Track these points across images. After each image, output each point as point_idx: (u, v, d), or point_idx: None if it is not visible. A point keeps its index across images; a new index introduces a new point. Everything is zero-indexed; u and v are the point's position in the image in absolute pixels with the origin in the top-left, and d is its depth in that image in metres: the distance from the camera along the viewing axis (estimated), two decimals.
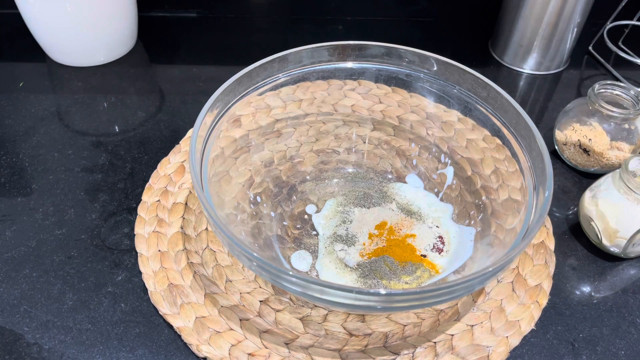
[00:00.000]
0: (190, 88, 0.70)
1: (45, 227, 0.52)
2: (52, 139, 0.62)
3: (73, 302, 0.46)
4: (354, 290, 0.35)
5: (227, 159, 0.52)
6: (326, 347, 0.43)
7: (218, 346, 0.43)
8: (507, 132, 0.49)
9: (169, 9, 0.83)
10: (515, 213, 0.45)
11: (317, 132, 0.59)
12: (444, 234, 0.51)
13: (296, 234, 0.52)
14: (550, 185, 0.40)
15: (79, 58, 0.72)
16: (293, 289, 0.37)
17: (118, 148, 0.61)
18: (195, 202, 0.53)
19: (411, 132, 0.59)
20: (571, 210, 0.56)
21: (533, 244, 0.51)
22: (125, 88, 0.70)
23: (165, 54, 0.77)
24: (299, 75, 0.53)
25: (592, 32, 0.80)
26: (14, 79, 0.71)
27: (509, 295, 0.47)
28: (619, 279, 0.50)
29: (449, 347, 0.44)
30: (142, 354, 0.43)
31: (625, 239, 0.48)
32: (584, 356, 0.44)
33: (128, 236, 0.51)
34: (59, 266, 0.49)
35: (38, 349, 0.43)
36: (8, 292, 0.47)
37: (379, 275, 0.48)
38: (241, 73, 0.49)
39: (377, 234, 0.51)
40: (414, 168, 0.58)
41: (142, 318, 0.45)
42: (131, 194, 0.56)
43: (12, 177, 0.57)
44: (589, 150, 0.57)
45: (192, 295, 0.46)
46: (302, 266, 0.49)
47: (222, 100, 0.48)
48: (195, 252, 0.49)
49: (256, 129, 0.56)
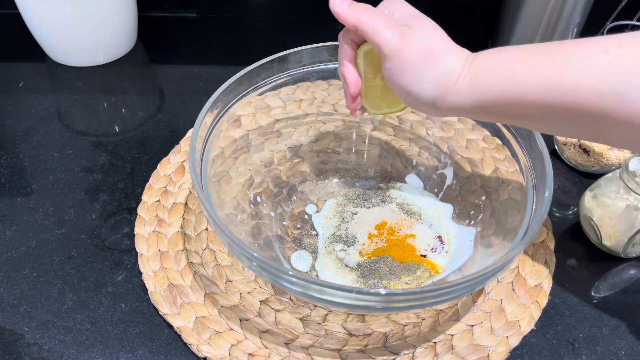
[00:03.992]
0: (190, 88, 0.70)
1: (45, 227, 0.52)
2: (52, 139, 0.62)
3: (73, 302, 0.46)
4: (354, 290, 0.35)
5: (227, 159, 0.52)
6: (326, 347, 0.43)
7: (218, 346, 0.43)
8: (507, 132, 0.49)
9: (169, 9, 0.83)
10: (515, 213, 0.45)
11: (317, 132, 0.59)
12: (444, 234, 0.51)
13: (296, 234, 0.52)
14: (550, 185, 0.40)
15: (79, 58, 0.72)
16: (293, 289, 0.37)
17: (118, 148, 0.61)
18: (195, 202, 0.53)
19: (411, 132, 0.59)
20: (571, 210, 0.56)
21: (533, 244, 0.51)
22: (125, 88, 0.70)
23: (165, 54, 0.77)
24: (299, 75, 0.53)
25: (592, 32, 0.80)
26: (14, 79, 0.71)
27: (509, 295, 0.47)
28: (619, 279, 0.50)
29: (449, 347, 0.44)
30: (142, 354, 0.43)
31: (625, 239, 0.48)
32: (584, 356, 0.44)
33: (128, 236, 0.51)
34: (59, 266, 0.49)
35: (38, 349, 0.43)
36: (8, 292, 0.47)
37: (379, 276, 0.48)
38: (241, 73, 0.49)
39: (377, 234, 0.51)
40: (414, 168, 0.58)
41: (142, 318, 0.45)
42: (131, 194, 0.56)
43: (12, 177, 0.57)
44: (589, 150, 0.57)
45: (192, 295, 0.46)
46: (302, 266, 0.49)
47: (222, 100, 0.48)
48: (195, 252, 0.49)
49: (256, 129, 0.56)
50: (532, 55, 0.33)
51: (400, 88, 0.37)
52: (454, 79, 0.36)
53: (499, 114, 0.36)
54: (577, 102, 0.32)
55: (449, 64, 0.36)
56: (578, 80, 0.31)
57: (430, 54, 0.36)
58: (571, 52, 0.32)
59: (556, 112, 0.33)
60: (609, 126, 0.32)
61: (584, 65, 0.31)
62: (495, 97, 0.35)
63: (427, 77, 0.36)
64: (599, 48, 0.31)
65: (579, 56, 0.32)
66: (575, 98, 0.32)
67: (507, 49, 0.35)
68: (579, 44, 0.32)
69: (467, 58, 0.36)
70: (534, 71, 0.33)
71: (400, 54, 0.36)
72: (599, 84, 0.31)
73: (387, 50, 0.36)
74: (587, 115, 0.32)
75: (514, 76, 0.34)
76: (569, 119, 0.33)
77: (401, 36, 0.36)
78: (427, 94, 0.36)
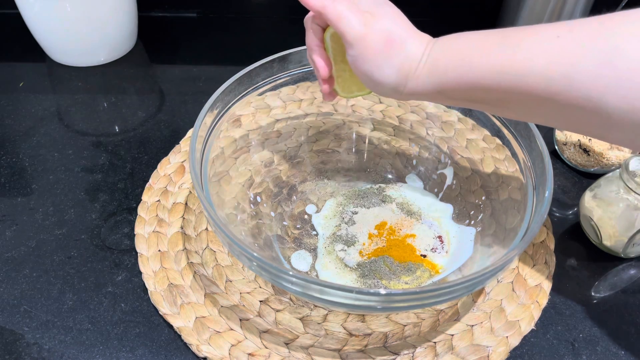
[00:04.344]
0: (190, 88, 0.70)
1: (45, 227, 0.52)
2: (52, 139, 0.62)
3: (73, 302, 0.46)
4: (354, 290, 0.35)
5: (227, 159, 0.52)
6: (326, 347, 0.43)
7: (218, 346, 0.43)
8: (507, 132, 0.49)
9: (169, 9, 0.83)
10: (515, 213, 0.45)
11: (317, 132, 0.59)
12: (444, 234, 0.51)
13: (296, 234, 0.52)
14: (550, 185, 0.40)
15: (79, 58, 0.72)
16: (293, 289, 0.37)
17: (118, 148, 0.61)
18: (195, 202, 0.53)
19: (411, 132, 0.59)
20: (571, 210, 0.56)
21: (533, 244, 0.51)
22: (125, 88, 0.70)
23: (165, 54, 0.77)
24: (299, 75, 0.53)
25: None
26: (14, 79, 0.71)
27: (509, 295, 0.47)
28: (619, 279, 0.50)
29: (449, 347, 0.43)
30: (142, 354, 0.43)
31: (625, 239, 0.48)
32: (584, 356, 0.44)
33: (128, 236, 0.51)
34: (59, 266, 0.49)
35: (38, 349, 0.43)
36: (8, 292, 0.47)
37: (379, 276, 0.48)
38: (241, 73, 0.49)
39: (377, 234, 0.51)
40: (414, 168, 0.58)
41: (142, 318, 0.45)
42: (131, 194, 0.56)
43: (12, 177, 0.57)
44: (589, 150, 0.57)
45: (192, 295, 0.46)
46: (302, 266, 0.49)
47: (222, 100, 0.48)
48: (195, 252, 0.49)
49: (256, 129, 0.56)
50: (487, 41, 0.34)
51: (363, 74, 0.38)
52: (415, 65, 0.36)
53: (458, 98, 0.37)
54: (529, 86, 0.32)
55: (409, 50, 0.36)
56: (529, 65, 0.32)
57: (392, 42, 0.36)
58: (524, 37, 0.33)
59: (510, 96, 0.34)
60: (558, 109, 0.33)
61: (535, 50, 0.32)
62: (453, 82, 0.35)
63: (388, 64, 0.37)
64: (551, 34, 0.32)
65: (532, 41, 0.32)
66: (526, 82, 0.32)
67: (466, 35, 0.36)
68: (533, 30, 0.33)
69: (427, 44, 0.37)
70: (488, 57, 0.33)
71: (363, 42, 0.37)
72: (549, 68, 0.31)
73: (350, 38, 0.37)
74: (538, 98, 0.33)
75: (470, 62, 0.34)
76: (522, 103, 0.34)
77: (364, 23, 0.37)
78: (389, 81, 0.37)
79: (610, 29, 0.30)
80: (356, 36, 0.37)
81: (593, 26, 0.31)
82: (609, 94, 0.30)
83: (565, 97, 0.31)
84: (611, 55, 0.29)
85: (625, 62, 0.29)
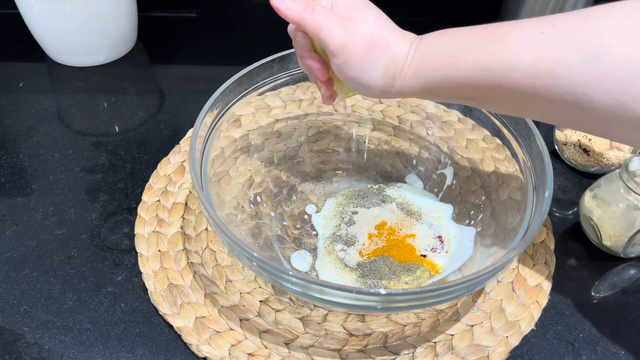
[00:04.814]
0: (190, 88, 0.70)
1: (45, 227, 0.52)
2: (52, 139, 0.62)
3: (73, 302, 0.46)
4: (354, 290, 0.35)
5: (227, 159, 0.52)
6: (326, 347, 0.43)
7: (218, 346, 0.43)
8: (507, 132, 0.49)
9: (169, 9, 0.83)
10: (515, 213, 0.45)
11: (317, 132, 0.59)
12: (444, 234, 0.51)
13: (296, 234, 0.52)
14: (550, 185, 0.40)
15: (79, 58, 0.72)
16: (293, 289, 0.37)
17: (118, 148, 0.61)
18: (195, 202, 0.53)
19: (411, 132, 0.59)
20: (571, 210, 0.56)
21: (533, 244, 0.51)
22: (125, 88, 0.70)
23: (165, 54, 0.77)
24: (299, 75, 0.53)
25: None
26: (14, 79, 0.71)
27: (509, 295, 0.47)
28: (619, 279, 0.50)
29: (449, 347, 0.44)
30: (142, 354, 0.43)
31: (625, 239, 0.48)
32: (584, 356, 0.44)
33: (128, 236, 0.51)
34: (59, 266, 0.49)
35: (38, 349, 0.43)
36: (8, 292, 0.47)
37: (379, 276, 0.48)
38: (241, 73, 0.49)
39: (377, 234, 0.51)
40: (414, 168, 0.58)
41: (142, 318, 0.45)
42: (131, 194, 0.56)
43: (12, 177, 0.57)
44: (589, 150, 0.57)
45: (192, 295, 0.46)
46: (302, 266, 0.49)
47: (222, 100, 0.48)
48: (195, 252, 0.49)
49: (256, 129, 0.56)
50: (472, 39, 0.34)
51: (350, 80, 0.38)
52: (400, 66, 0.36)
53: (445, 95, 0.37)
54: (514, 83, 0.32)
55: (394, 51, 0.36)
56: (514, 62, 0.32)
57: (374, 46, 0.36)
58: (509, 34, 0.33)
59: (496, 93, 0.34)
60: (545, 105, 0.33)
61: (520, 47, 0.32)
62: (439, 80, 0.35)
63: (374, 67, 0.37)
64: (535, 30, 0.32)
65: (516, 38, 0.32)
66: (512, 79, 0.32)
67: (450, 32, 0.36)
68: (518, 26, 0.33)
69: (411, 43, 0.37)
70: (474, 55, 0.33)
71: (346, 50, 0.36)
72: (534, 65, 0.31)
73: (332, 47, 0.37)
74: (524, 95, 0.33)
75: (455, 60, 0.34)
76: (509, 99, 0.34)
77: (344, 30, 0.36)
78: (376, 84, 0.37)
79: (594, 22, 0.30)
80: (338, 45, 0.36)
81: (577, 20, 0.31)
82: (594, 89, 0.30)
83: (550, 93, 0.31)
84: (595, 50, 0.29)
85: (610, 57, 0.29)
